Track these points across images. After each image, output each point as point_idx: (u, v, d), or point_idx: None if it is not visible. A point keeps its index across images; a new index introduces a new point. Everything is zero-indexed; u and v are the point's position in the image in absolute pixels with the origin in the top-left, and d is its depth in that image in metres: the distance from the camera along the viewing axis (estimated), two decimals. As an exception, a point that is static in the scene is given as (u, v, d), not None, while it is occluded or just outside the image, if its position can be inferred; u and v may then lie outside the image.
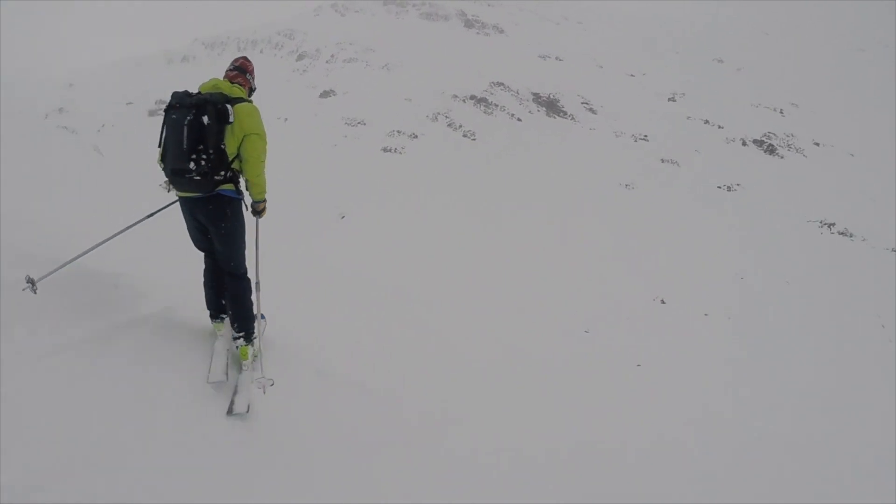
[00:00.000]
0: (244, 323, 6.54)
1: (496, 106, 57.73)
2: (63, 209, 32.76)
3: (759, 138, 55.23)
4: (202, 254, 6.91)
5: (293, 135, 57.32)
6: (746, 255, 34.10)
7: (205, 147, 5.95)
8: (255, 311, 6.59)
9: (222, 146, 6.24)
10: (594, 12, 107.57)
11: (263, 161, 6.79)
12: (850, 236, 39.47)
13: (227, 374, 6.30)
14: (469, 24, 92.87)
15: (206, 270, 6.77)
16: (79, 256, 6.41)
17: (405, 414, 8.55)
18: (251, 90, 7.43)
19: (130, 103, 72.52)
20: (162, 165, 6.01)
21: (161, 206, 7.22)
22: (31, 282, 5.70)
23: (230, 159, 6.33)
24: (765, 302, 28.24)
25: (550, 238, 34.87)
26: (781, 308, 27.69)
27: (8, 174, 39.58)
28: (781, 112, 64.28)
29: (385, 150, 50.25)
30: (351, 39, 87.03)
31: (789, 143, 55.77)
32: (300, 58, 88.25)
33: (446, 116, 55.27)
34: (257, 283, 6.69)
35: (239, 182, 6.62)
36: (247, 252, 6.87)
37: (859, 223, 40.80)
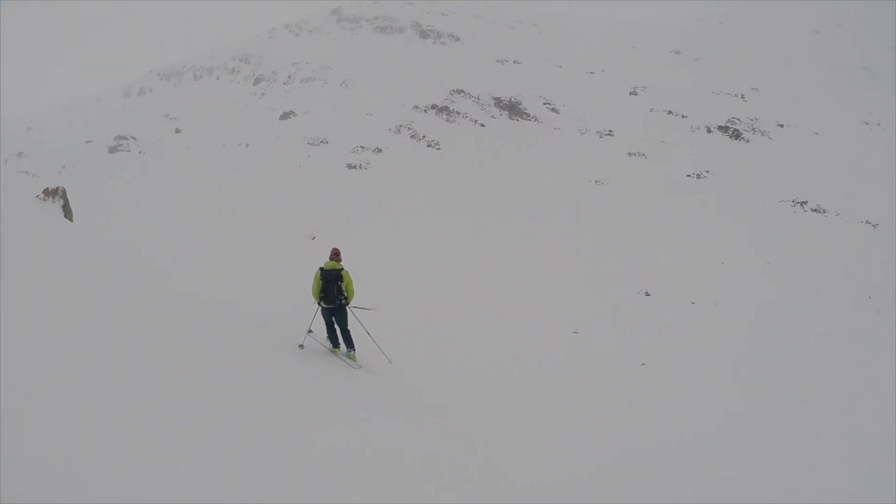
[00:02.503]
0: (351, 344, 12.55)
1: (458, 113, 57.21)
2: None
3: (723, 124, 55.24)
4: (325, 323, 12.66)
5: (256, 159, 56.45)
6: (724, 240, 33.79)
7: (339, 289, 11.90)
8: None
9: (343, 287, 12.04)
10: (549, 14, 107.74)
11: (353, 290, 12.21)
12: (824, 212, 39.47)
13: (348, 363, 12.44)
14: (424, 34, 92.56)
15: (331, 328, 12.42)
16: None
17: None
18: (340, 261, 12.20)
19: (90, 142, 71.04)
20: (321, 298, 12.00)
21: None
22: (310, 331, 12.63)
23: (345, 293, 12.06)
24: (749, 285, 27.83)
25: (527, 241, 34.29)
26: (766, 289, 27.29)
27: None
28: (743, 97, 64.49)
29: (350, 166, 49.46)
30: (307, 59, 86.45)
31: (754, 126, 55.84)
32: (257, 81, 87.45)
33: (409, 128, 54.64)
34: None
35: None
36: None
37: (831, 199, 40.84)
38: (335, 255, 11.92)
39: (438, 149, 51.55)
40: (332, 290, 11.37)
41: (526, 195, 41.43)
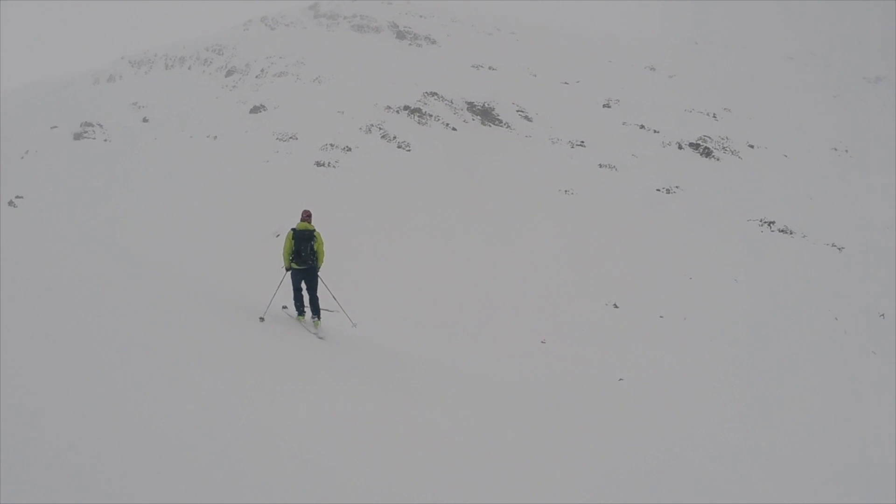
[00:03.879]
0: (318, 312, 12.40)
1: (430, 116, 56.71)
2: None
3: (694, 141, 55.32)
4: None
5: (224, 152, 55.50)
6: (692, 255, 33.68)
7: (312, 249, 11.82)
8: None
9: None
10: (527, 23, 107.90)
11: (324, 252, 12.18)
12: (791, 233, 39.54)
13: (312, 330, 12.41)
14: (401, 35, 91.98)
15: (298, 292, 12.08)
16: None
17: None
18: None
19: (55, 127, 69.43)
20: (292, 258, 11.79)
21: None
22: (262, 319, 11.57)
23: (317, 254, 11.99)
24: (717, 301, 27.66)
25: (495, 248, 33.90)
26: (734, 306, 27.15)
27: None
28: (715, 116, 64.82)
29: (318, 164, 48.72)
30: (281, 53, 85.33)
31: (724, 145, 56.03)
32: (229, 73, 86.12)
33: (380, 128, 54.02)
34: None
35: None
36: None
37: (798, 221, 40.97)
38: (307, 216, 11.78)
39: (409, 150, 50.99)
40: (306, 249, 11.24)
41: (495, 201, 41.06)
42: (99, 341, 7.17)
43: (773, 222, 40.48)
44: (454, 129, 55.81)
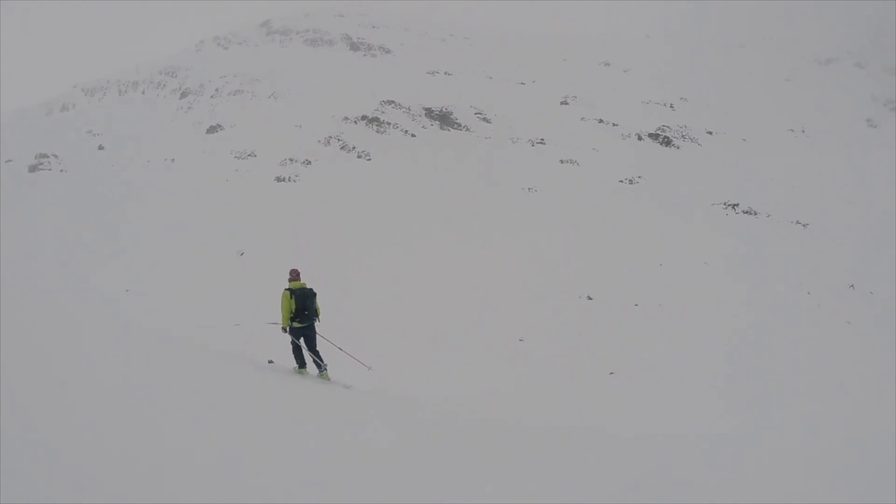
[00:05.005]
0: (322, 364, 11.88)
1: (389, 124, 56.39)
2: None
3: (653, 132, 55.64)
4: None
5: (182, 174, 54.73)
6: (661, 243, 33.62)
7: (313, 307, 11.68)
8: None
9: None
10: (479, 29, 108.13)
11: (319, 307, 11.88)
12: (755, 214, 39.76)
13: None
14: (355, 46, 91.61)
15: (298, 348, 11.66)
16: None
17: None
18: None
19: (10, 161, 68.09)
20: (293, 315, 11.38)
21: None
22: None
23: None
24: (689, 285, 27.62)
25: (463, 250, 33.54)
26: (706, 289, 27.10)
27: None
28: (672, 106, 65.28)
29: (279, 179, 48.18)
30: (235, 72, 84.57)
31: (683, 133, 56.44)
32: (184, 95, 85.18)
33: (339, 139, 53.60)
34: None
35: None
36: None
37: (761, 202, 41.22)
38: (297, 275, 11.64)
39: (369, 160, 50.62)
40: (310, 307, 11.11)
41: (460, 204, 40.75)
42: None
43: (737, 204, 40.69)
44: (413, 135, 55.54)
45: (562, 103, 64.73)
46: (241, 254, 38.11)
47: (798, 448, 11.35)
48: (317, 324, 11.62)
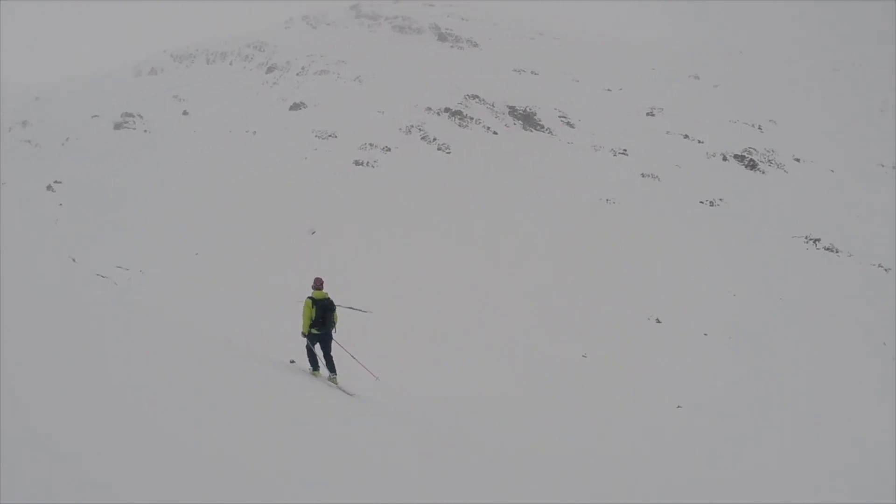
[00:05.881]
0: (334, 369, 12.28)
1: (471, 119, 56.20)
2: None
3: (739, 153, 54.21)
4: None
5: (262, 148, 55.47)
6: (736, 271, 32.76)
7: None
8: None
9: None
10: (570, 30, 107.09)
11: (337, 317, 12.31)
12: (837, 252, 38.41)
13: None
14: (443, 37, 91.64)
15: (312, 352, 12.14)
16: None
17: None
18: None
19: (96, 116, 70.16)
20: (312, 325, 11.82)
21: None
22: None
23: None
24: (762, 320, 26.82)
25: (533, 255, 33.29)
26: (780, 326, 26.29)
27: None
28: (760, 128, 63.56)
29: (357, 163, 48.42)
30: (322, 52, 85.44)
31: (770, 158, 54.86)
32: (270, 70, 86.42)
33: (420, 129, 53.61)
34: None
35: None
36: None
37: (844, 239, 39.79)
38: (320, 284, 12.12)
39: (449, 153, 50.52)
40: (329, 317, 11.72)
41: (535, 207, 40.43)
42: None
43: (819, 239, 39.36)
44: (495, 132, 55.25)
45: (647, 114, 63.61)
46: (313, 232, 38.47)
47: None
48: (333, 332, 12.11)
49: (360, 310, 25.87)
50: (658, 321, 25.96)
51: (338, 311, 12.23)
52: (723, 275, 31.97)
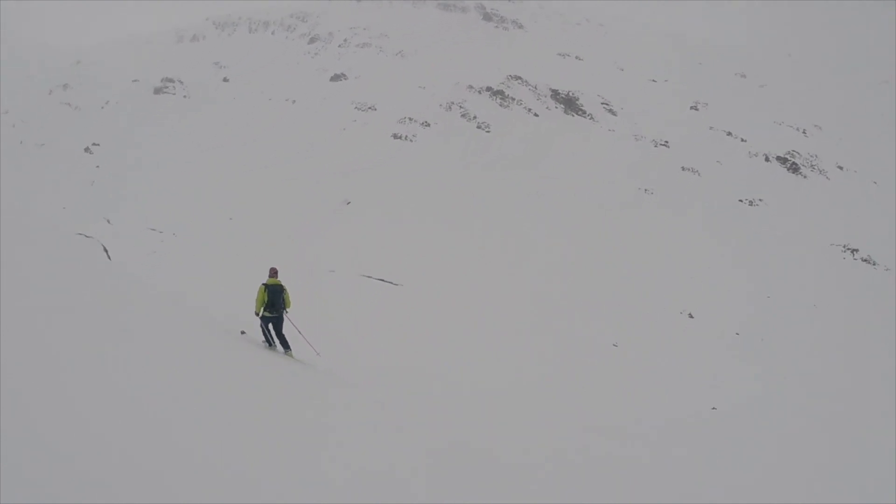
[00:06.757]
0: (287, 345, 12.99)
1: (513, 99, 55.62)
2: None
3: (782, 155, 53.20)
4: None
5: (300, 117, 55.47)
6: (772, 274, 32.15)
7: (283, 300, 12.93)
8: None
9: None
10: (616, 16, 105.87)
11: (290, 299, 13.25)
12: (874, 264, 37.47)
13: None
14: (487, 17, 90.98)
15: (268, 332, 12.87)
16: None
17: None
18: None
19: (136, 81, 70.47)
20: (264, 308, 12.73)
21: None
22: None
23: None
24: (795, 325, 26.21)
25: (569, 244, 32.89)
26: (813, 333, 25.67)
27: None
28: (804, 132, 62.34)
29: (395, 136, 48.19)
30: (365, 24, 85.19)
31: (812, 163, 53.79)
32: (312, 41, 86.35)
33: (461, 106, 53.16)
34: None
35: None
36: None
37: (883, 252, 38.81)
38: (274, 273, 13.43)
39: (488, 132, 50.08)
40: (278, 301, 12.86)
41: (571, 195, 39.96)
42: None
43: (857, 250, 38.43)
44: (536, 114, 54.67)
45: (691, 108, 62.65)
46: (348, 203, 38.33)
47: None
48: (286, 314, 13.17)
49: (390, 282, 25.77)
50: (690, 316, 25.52)
51: (290, 295, 13.31)
52: (758, 276, 31.44)
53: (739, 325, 25.07)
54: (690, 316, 25.71)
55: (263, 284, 13.01)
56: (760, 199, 44.26)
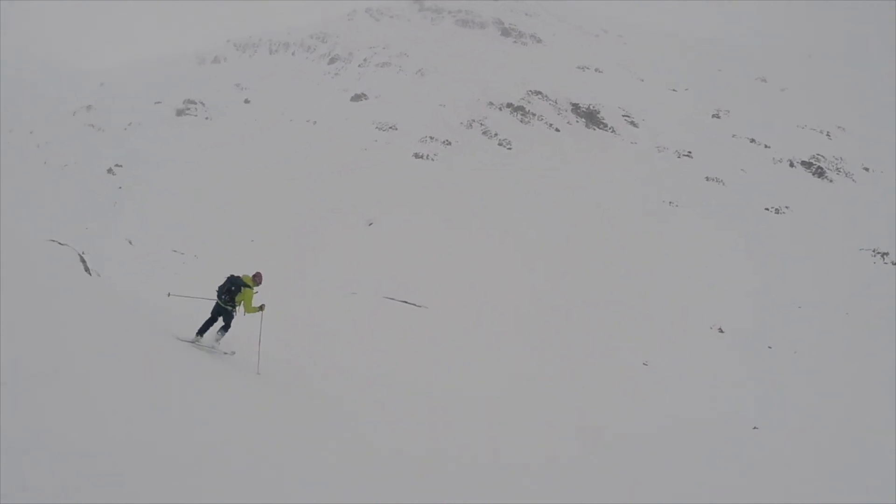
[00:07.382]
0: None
1: (533, 115, 55.75)
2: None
3: (806, 160, 52.80)
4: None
5: (322, 137, 55.81)
6: (801, 282, 31.79)
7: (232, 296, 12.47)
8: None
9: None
10: (635, 27, 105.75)
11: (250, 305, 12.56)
12: (904, 267, 37.02)
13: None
14: (506, 32, 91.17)
15: (210, 322, 12.45)
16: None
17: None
18: (257, 284, 12.86)
19: (159, 102, 71.56)
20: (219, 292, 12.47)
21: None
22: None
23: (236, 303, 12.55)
24: (828, 335, 25.87)
25: (594, 259, 32.83)
26: (846, 342, 25.32)
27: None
28: (828, 134, 61.73)
29: (417, 155, 48.42)
30: (385, 44, 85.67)
31: (838, 166, 53.28)
32: (332, 61, 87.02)
33: (481, 124, 53.37)
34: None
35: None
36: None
37: (914, 255, 38.35)
38: (256, 275, 13.05)
39: (510, 149, 50.23)
40: (226, 291, 12.48)
41: (595, 210, 39.91)
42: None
43: (887, 254, 37.91)
44: (557, 129, 54.74)
45: (713, 116, 62.38)
46: (370, 224, 38.53)
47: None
48: (235, 312, 12.63)
49: (415, 304, 25.82)
50: (721, 331, 25.34)
51: (251, 304, 12.77)
52: (788, 285, 31.12)
53: (771, 338, 24.82)
54: (721, 331, 25.51)
55: (233, 274, 12.95)
56: (787, 207, 43.91)
